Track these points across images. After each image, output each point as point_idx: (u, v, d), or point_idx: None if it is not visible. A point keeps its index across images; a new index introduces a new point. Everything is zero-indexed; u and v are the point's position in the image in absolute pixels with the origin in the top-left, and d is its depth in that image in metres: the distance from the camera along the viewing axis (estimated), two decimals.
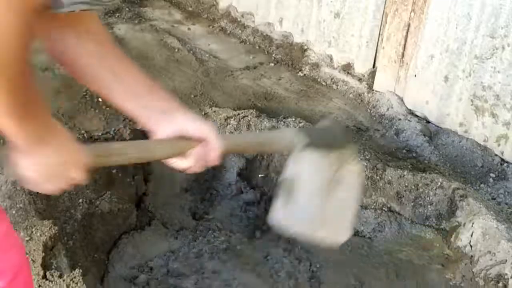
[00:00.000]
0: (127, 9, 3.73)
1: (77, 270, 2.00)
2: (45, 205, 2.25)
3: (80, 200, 2.35)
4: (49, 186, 1.34)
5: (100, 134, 2.57)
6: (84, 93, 2.99)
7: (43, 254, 2.03)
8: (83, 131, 2.50)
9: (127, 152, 1.50)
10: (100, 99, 2.95)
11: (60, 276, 1.98)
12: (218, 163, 1.58)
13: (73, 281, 1.96)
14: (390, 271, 2.42)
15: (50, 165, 1.32)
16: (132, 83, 1.53)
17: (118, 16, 3.67)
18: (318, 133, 1.88)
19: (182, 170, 1.60)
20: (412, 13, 2.99)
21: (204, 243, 2.51)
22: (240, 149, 1.97)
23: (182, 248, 2.46)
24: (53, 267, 2.03)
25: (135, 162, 1.61)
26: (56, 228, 2.11)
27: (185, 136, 1.55)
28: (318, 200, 1.80)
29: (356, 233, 2.57)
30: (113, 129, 2.63)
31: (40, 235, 2.08)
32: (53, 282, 1.96)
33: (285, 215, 1.78)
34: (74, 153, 1.34)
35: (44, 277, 1.97)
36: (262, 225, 2.50)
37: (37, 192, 2.27)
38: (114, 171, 2.52)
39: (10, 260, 1.37)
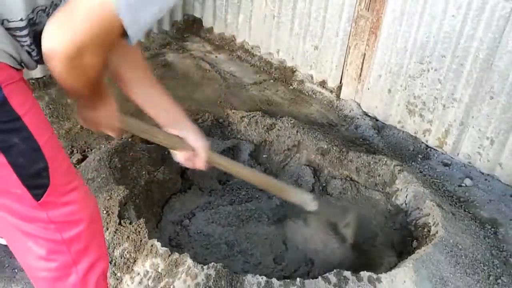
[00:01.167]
0: (174, 43, 3.73)
1: (141, 219, 2.01)
2: (119, 175, 2.25)
3: (143, 172, 2.36)
4: (95, 128, 1.52)
5: None
6: None
7: (119, 208, 2.04)
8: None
9: (146, 132, 1.65)
10: None
11: (130, 223, 2.00)
12: (203, 168, 1.71)
13: (138, 226, 1.97)
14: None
15: (97, 118, 1.45)
16: (158, 101, 1.61)
17: (168, 48, 3.68)
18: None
19: (177, 162, 1.73)
20: (367, 47, 2.98)
21: (230, 196, 2.53)
22: (224, 168, 1.93)
23: (216, 201, 2.46)
24: (125, 217, 2.05)
25: (147, 139, 1.72)
26: (127, 191, 2.13)
27: (184, 142, 1.65)
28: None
29: (328, 194, 2.57)
30: None
31: (117, 196, 2.09)
32: (126, 227, 1.98)
33: None
34: (111, 117, 1.48)
35: (120, 223, 1.99)
36: None
37: (115, 166, 2.28)
38: (166, 152, 2.52)
39: (88, 209, 1.36)
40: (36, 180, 1.19)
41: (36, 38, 1.18)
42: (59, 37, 1.04)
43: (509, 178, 2.66)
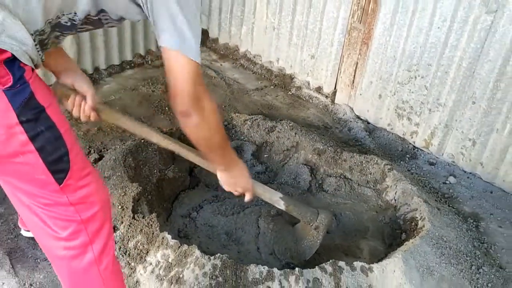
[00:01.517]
0: None
1: (153, 214, 2.00)
2: (133, 173, 2.25)
3: (155, 171, 2.35)
4: (232, 189, 1.83)
5: (167, 130, 2.55)
6: (156, 104, 2.99)
7: (132, 204, 2.04)
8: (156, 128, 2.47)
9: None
10: (166, 107, 2.95)
11: (143, 217, 1.99)
12: (92, 118, 1.70)
13: (151, 220, 1.97)
14: (346, 214, 2.42)
15: (234, 178, 1.80)
16: (56, 57, 1.60)
17: None
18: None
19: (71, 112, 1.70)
20: (359, 56, 2.98)
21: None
22: (111, 120, 1.86)
23: (222, 194, 2.44)
24: (138, 212, 2.05)
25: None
26: (140, 188, 2.12)
27: (74, 87, 1.65)
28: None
29: (324, 190, 2.56)
30: (175, 127, 2.60)
31: (131, 192, 2.08)
32: (139, 221, 1.97)
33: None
34: (246, 178, 1.84)
35: (133, 218, 1.99)
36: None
37: (129, 165, 2.28)
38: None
39: (101, 192, 1.43)
40: (58, 165, 1.24)
41: (41, 43, 1.28)
42: (182, 100, 1.32)
43: (489, 176, 2.66)
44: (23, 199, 1.30)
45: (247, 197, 1.87)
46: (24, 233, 2.04)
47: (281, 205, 2.02)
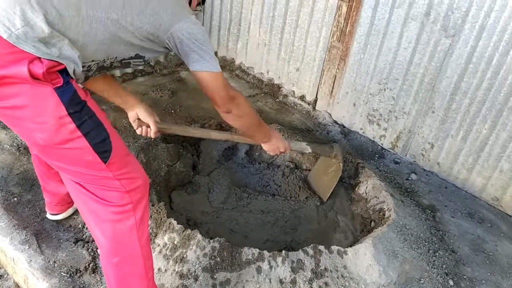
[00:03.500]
0: None
1: (161, 203, 2.00)
2: (145, 167, 2.21)
3: (163, 165, 2.34)
4: (275, 152, 2.06)
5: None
6: (164, 107, 2.97)
7: (149, 184, 2.02)
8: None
9: (183, 131, 2.18)
10: (172, 110, 2.94)
11: (153, 205, 1.98)
12: (155, 136, 1.93)
13: (159, 208, 1.96)
14: (326, 205, 2.43)
15: (275, 145, 2.03)
16: (118, 92, 1.81)
17: (182, 66, 3.65)
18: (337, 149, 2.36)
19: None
20: (337, 70, 2.99)
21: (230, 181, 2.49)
22: (177, 132, 2.13)
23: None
24: (149, 201, 2.03)
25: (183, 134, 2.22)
26: (150, 180, 2.08)
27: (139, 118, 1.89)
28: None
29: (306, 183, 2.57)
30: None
31: None
32: (150, 209, 1.96)
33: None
34: (283, 141, 2.07)
35: None
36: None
37: (141, 160, 2.26)
38: (181, 150, 2.51)
39: (140, 170, 1.48)
40: (103, 147, 1.29)
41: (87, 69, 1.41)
42: (222, 104, 1.59)
43: (444, 174, 2.69)
44: (73, 177, 1.35)
45: (288, 151, 2.13)
46: (49, 216, 2.02)
47: (308, 149, 2.25)
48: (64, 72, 1.23)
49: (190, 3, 1.65)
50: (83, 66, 1.35)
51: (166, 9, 1.42)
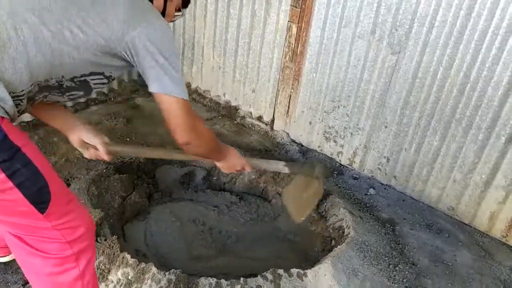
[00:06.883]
0: (141, 89, 3.63)
1: (114, 236, 1.92)
2: (96, 200, 2.16)
3: (117, 197, 2.26)
4: (231, 171, 1.84)
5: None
6: (119, 135, 2.90)
7: (95, 227, 1.94)
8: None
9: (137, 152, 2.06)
10: (127, 138, 2.87)
11: (105, 240, 1.90)
12: (108, 159, 1.71)
13: (112, 242, 1.89)
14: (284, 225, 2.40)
15: (230, 163, 1.81)
16: (60, 114, 1.62)
17: (136, 93, 3.60)
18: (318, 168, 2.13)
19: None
20: (292, 90, 3.01)
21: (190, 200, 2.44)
22: (128, 154, 2.05)
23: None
24: (101, 235, 1.96)
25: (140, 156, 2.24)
26: (103, 213, 2.03)
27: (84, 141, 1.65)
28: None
29: (268, 201, 2.54)
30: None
31: (94, 217, 1.99)
32: (101, 243, 1.89)
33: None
34: (239, 159, 1.84)
35: (96, 240, 1.89)
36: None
37: (93, 193, 2.18)
38: (136, 179, 2.44)
39: (84, 216, 1.39)
40: (39, 197, 1.18)
41: (29, 98, 1.27)
42: (181, 133, 1.38)
43: (401, 187, 2.72)
44: (8, 229, 1.24)
45: (247, 170, 1.90)
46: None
47: (285, 169, 2.06)
48: None
49: (164, 9, 1.45)
50: (18, 96, 1.21)
51: (117, 15, 1.24)
